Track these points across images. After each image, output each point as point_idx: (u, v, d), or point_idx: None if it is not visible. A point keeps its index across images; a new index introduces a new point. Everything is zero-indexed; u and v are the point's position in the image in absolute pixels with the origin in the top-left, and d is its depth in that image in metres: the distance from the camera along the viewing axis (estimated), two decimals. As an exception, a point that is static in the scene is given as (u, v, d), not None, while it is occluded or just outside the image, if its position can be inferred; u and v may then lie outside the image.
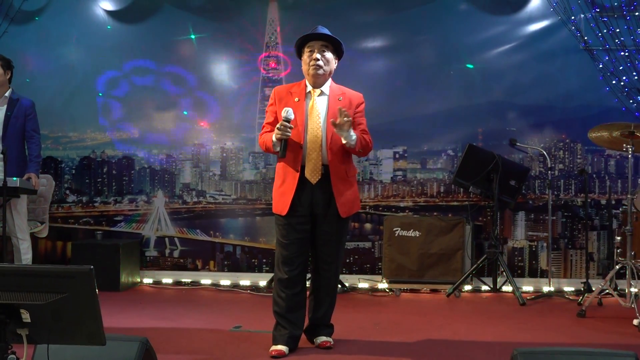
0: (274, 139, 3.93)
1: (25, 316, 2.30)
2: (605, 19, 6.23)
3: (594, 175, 6.46)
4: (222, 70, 6.88)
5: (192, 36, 6.83)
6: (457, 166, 6.28)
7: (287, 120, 3.88)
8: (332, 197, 4.03)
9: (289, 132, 3.89)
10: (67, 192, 7.01)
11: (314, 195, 4.02)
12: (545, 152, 6.34)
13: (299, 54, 4.18)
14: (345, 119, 3.84)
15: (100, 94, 6.95)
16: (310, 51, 4.06)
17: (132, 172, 6.97)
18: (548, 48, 6.43)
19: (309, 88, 4.10)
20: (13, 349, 2.35)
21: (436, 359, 3.97)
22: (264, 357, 3.96)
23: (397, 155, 6.68)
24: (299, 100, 4.05)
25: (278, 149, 3.95)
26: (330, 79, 4.15)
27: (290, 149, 3.98)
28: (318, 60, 4.02)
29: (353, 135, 3.95)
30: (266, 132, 4.11)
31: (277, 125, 3.89)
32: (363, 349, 4.16)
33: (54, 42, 6.94)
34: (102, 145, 7.00)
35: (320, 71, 4.04)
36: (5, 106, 5.59)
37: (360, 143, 4.00)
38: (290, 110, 3.90)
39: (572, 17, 6.29)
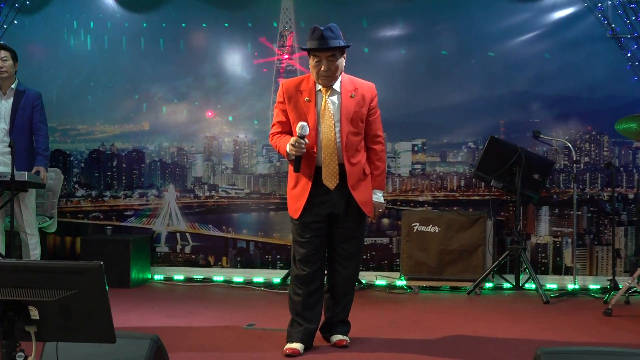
0: (288, 151, 3.85)
1: (34, 313, 2.27)
2: (633, 6, 6.15)
3: (621, 169, 6.37)
4: (235, 60, 6.83)
5: (204, 25, 6.76)
6: (478, 159, 6.20)
7: (302, 137, 3.79)
8: (350, 196, 3.97)
9: (304, 149, 3.81)
10: (76, 186, 6.98)
11: (331, 197, 3.96)
12: (570, 145, 6.24)
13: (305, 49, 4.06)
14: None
15: (109, 85, 6.87)
16: (317, 61, 3.90)
17: (143, 165, 6.92)
18: (573, 36, 6.34)
19: (319, 86, 4.00)
20: (21, 346, 2.32)
21: (456, 358, 3.92)
22: (278, 356, 3.92)
23: (415, 148, 6.62)
24: (309, 100, 3.96)
25: (292, 159, 3.87)
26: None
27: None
28: (327, 71, 3.90)
29: (381, 196, 4.16)
30: (277, 132, 4.04)
31: (292, 142, 3.80)
32: (380, 348, 4.12)
33: (62, 32, 6.89)
34: (111, 138, 6.95)
35: (330, 81, 3.94)
36: (12, 98, 5.62)
37: (384, 181, 4.21)
38: (306, 125, 3.80)
39: (599, 4, 6.23)
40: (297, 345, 3.94)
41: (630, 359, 2.57)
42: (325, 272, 4.17)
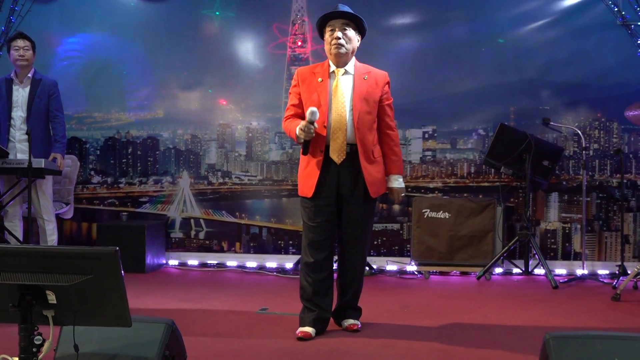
0: (297, 134, 3.88)
1: (51, 297, 2.31)
2: (644, -7, 6.10)
3: (631, 155, 6.32)
4: (248, 48, 6.82)
5: (218, 13, 6.76)
6: (488, 146, 6.20)
7: (311, 122, 3.81)
8: (359, 177, 3.98)
9: (312, 134, 3.84)
10: (92, 173, 7.01)
11: (340, 176, 3.97)
12: (579, 132, 6.20)
13: (321, 34, 4.13)
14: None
15: (125, 73, 6.90)
16: (331, 30, 3.99)
17: (157, 152, 6.95)
18: (583, 23, 6.29)
19: (333, 68, 4.04)
20: (39, 330, 2.36)
21: (466, 343, 3.89)
22: (291, 339, 3.93)
23: (426, 135, 6.59)
24: (322, 80, 4.00)
25: (301, 142, 3.91)
26: (354, 58, 4.09)
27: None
28: (339, 39, 3.95)
29: (402, 181, 4.20)
30: (290, 115, 4.07)
31: (301, 126, 3.83)
32: (391, 333, 4.11)
33: (78, 21, 6.91)
34: (126, 126, 6.99)
35: (342, 50, 3.97)
36: (28, 87, 5.64)
37: (402, 166, 4.24)
38: (316, 111, 3.81)
39: (610, -9, 6.17)
40: (309, 329, 3.96)
41: (639, 343, 2.58)
42: (336, 258, 4.20)
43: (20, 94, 5.60)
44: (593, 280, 5.90)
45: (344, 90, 3.98)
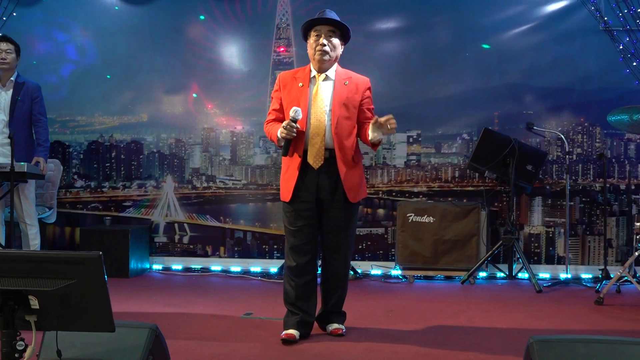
0: (279, 135, 3.88)
1: (34, 302, 2.28)
2: (625, -1, 6.13)
3: (613, 160, 6.37)
4: (232, 52, 6.82)
5: (202, 17, 6.75)
6: (472, 150, 6.22)
7: (294, 120, 3.82)
8: (339, 182, 3.98)
9: (295, 133, 3.84)
10: (75, 177, 6.97)
11: (319, 180, 3.97)
12: (563, 136, 6.25)
13: (305, 37, 4.13)
14: (390, 126, 3.85)
15: (109, 77, 6.86)
16: (317, 36, 4.00)
17: (141, 156, 6.92)
18: (567, 29, 6.33)
19: (314, 73, 4.05)
20: (22, 335, 2.34)
21: (450, 347, 3.90)
22: (276, 344, 3.92)
23: (410, 140, 6.61)
24: (302, 85, 4.01)
25: (282, 144, 3.91)
26: (336, 64, 4.09)
27: None
28: (325, 45, 3.96)
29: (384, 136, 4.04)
30: (272, 119, 4.08)
31: (284, 124, 3.84)
32: (375, 337, 4.11)
33: (61, 24, 6.88)
34: (110, 130, 6.95)
35: (327, 57, 3.98)
36: (11, 90, 5.61)
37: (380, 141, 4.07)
38: (299, 110, 3.84)
39: (592, -3, 6.22)
40: (293, 331, 3.96)
41: (622, 347, 2.59)
42: (320, 263, 4.20)
43: (3, 98, 5.57)
44: (576, 284, 5.94)
45: (324, 95, 3.98)
